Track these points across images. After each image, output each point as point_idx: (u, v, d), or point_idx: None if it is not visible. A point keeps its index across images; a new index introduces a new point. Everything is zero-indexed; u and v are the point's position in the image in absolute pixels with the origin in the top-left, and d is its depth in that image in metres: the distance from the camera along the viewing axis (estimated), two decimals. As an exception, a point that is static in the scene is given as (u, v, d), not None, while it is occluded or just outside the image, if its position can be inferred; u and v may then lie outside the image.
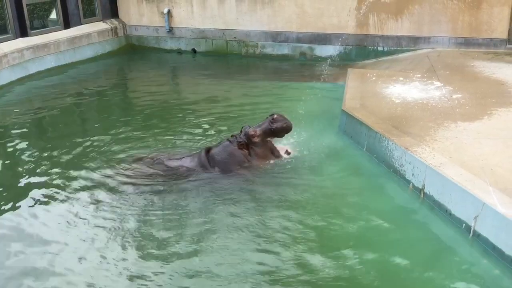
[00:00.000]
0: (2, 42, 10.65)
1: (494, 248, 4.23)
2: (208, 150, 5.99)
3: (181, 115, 8.36)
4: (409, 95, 7.34)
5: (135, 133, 7.53)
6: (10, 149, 7.15)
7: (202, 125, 7.73)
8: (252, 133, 5.85)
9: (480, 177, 4.67)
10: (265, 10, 12.05)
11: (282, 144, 6.38)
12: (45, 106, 9.27)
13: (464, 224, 4.56)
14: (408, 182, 5.37)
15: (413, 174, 5.30)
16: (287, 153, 6.15)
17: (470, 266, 4.24)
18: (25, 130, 8.06)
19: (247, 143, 5.88)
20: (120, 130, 7.64)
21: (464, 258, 4.36)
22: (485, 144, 5.42)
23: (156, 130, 7.59)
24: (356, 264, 4.28)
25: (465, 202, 4.54)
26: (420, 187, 5.18)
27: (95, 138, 7.30)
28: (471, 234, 4.46)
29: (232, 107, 8.62)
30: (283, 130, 5.94)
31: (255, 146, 5.90)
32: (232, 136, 6.03)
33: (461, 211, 4.61)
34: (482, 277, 4.13)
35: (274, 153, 6.08)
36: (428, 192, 5.07)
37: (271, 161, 6.04)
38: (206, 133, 7.38)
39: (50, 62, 11.52)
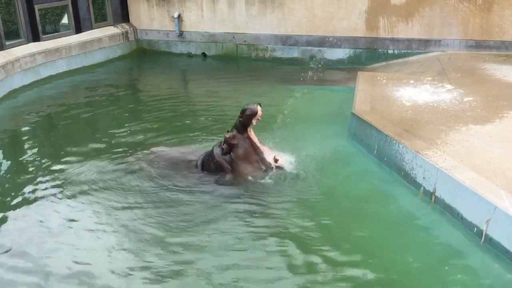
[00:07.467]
0: (14, 47, 10.77)
1: (506, 252, 4.19)
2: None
3: (190, 117, 8.41)
4: (419, 98, 7.30)
5: (146, 134, 7.59)
6: (21, 150, 7.28)
7: (211, 127, 7.77)
8: (227, 136, 5.85)
9: (492, 180, 4.63)
10: (275, 13, 12.07)
11: (281, 151, 6.28)
12: (57, 109, 9.35)
13: (475, 228, 4.52)
14: (419, 185, 5.35)
15: (424, 178, 5.27)
16: (275, 160, 5.90)
17: (482, 271, 4.21)
18: (36, 132, 8.19)
19: (229, 149, 5.86)
20: (131, 132, 7.71)
21: (475, 262, 4.32)
22: (497, 147, 5.38)
23: (165, 133, 7.63)
24: (366, 269, 4.25)
25: (476, 205, 4.51)
26: (431, 190, 5.15)
27: (106, 139, 7.40)
28: (483, 238, 4.42)
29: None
30: (249, 117, 5.78)
31: (236, 148, 5.85)
32: None
33: (473, 215, 4.57)
34: (493, 281, 4.10)
35: (258, 152, 5.90)
36: (439, 196, 5.04)
37: (259, 168, 5.90)
38: (214, 134, 7.38)
39: (61, 66, 11.63)
